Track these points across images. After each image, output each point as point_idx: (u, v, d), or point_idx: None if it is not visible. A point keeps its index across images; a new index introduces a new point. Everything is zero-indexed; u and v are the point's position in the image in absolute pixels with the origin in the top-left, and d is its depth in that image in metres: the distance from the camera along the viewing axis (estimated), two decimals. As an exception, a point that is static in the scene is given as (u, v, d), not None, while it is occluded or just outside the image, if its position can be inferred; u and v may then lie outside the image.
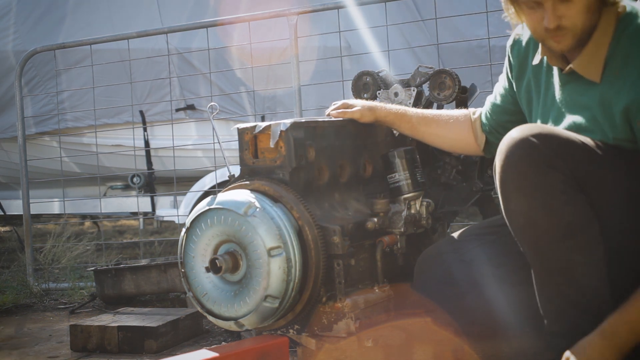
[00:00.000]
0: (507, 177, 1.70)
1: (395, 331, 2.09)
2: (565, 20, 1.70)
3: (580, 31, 1.71)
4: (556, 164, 1.65)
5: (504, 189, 1.72)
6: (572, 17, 1.69)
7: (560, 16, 1.70)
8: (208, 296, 1.99)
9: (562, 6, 1.69)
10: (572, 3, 1.68)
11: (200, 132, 5.43)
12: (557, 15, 1.70)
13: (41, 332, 3.33)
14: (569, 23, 1.70)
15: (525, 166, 1.66)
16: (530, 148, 1.66)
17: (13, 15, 5.83)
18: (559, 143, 1.68)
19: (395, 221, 2.18)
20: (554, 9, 1.69)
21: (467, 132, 2.19)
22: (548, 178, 1.64)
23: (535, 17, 1.74)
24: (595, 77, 1.74)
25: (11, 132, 5.67)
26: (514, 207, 1.71)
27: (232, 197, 1.98)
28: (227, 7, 5.05)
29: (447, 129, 2.21)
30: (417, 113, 2.26)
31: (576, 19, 1.69)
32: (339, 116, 2.23)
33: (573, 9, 1.68)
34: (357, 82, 2.95)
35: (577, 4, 1.68)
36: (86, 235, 5.65)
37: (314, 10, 3.92)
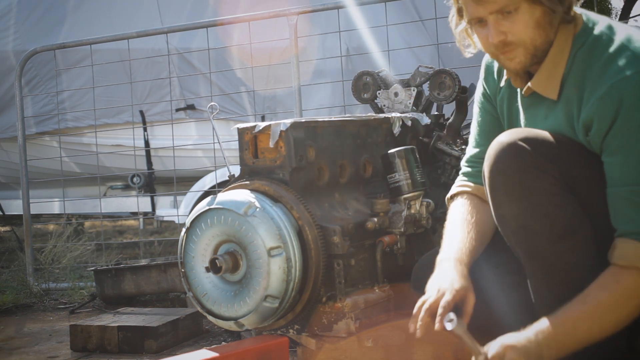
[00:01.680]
0: (497, 182, 1.69)
1: (395, 331, 2.09)
2: (510, 36, 1.65)
3: (531, 47, 1.66)
4: (546, 167, 1.64)
5: (494, 194, 1.70)
6: (517, 32, 1.64)
7: (505, 31, 1.65)
8: (208, 296, 1.99)
9: (505, 21, 1.64)
10: (515, 17, 1.63)
11: (200, 132, 5.42)
12: (501, 30, 1.65)
13: (41, 332, 3.33)
14: (515, 38, 1.65)
15: (515, 170, 1.65)
16: (519, 152, 1.65)
17: (13, 15, 5.83)
18: (548, 145, 1.66)
19: (395, 221, 2.18)
20: (496, 24, 1.65)
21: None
22: (538, 181, 1.63)
23: (483, 35, 1.69)
24: (553, 94, 1.71)
25: (11, 132, 5.67)
26: (505, 212, 1.70)
27: (232, 197, 1.98)
28: (227, 7, 5.05)
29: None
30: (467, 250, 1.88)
31: (522, 34, 1.64)
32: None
33: (517, 24, 1.64)
34: (357, 82, 2.95)
35: (521, 18, 1.63)
36: (86, 235, 5.65)
37: (314, 10, 3.92)
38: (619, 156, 1.58)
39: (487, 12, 1.64)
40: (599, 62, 1.62)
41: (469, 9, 1.68)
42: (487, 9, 1.64)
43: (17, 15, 5.82)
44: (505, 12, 1.63)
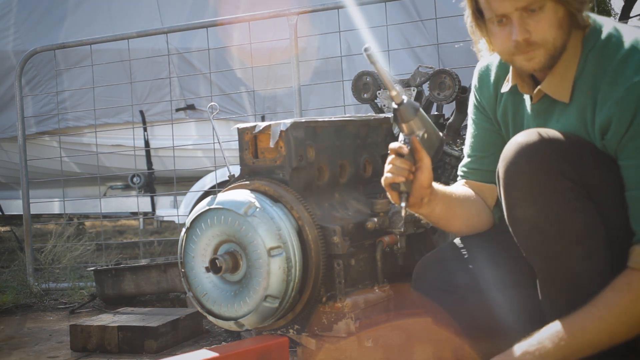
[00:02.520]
0: (513, 182, 1.65)
1: (395, 331, 2.09)
2: (534, 35, 1.62)
3: (552, 47, 1.64)
4: (564, 169, 1.61)
5: (509, 194, 1.67)
6: (541, 31, 1.62)
7: (529, 30, 1.62)
8: (208, 296, 1.99)
9: (530, 19, 1.62)
10: (540, 15, 1.61)
11: (200, 132, 5.43)
12: (526, 28, 1.62)
13: (41, 332, 3.33)
14: (539, 37, 1.62)
15: (533, 171, 1.62)
16: (538, 153, 1.62)
17: (13, 15, 5.83)
18: (567, 148, 1.63)
19: (395, 221, 2.18)
20: (521, 21, 1.62)
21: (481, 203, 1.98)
22: (557, 184, 1.60)
23: (503, 33, 1.66)
24: (565, 97, 1.69)
25: (11, 132, 5.67)
26: (519, 213, 1.67)
27: (232, 197, 1.98)
28: (227, 7, 5.05)
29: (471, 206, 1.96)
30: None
31: (546, 34, 1.62)
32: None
33: (542, 22, 1.61)
34: (357, 82, 2.95)
35: (546, 17, 1.61)
36: (86, 235, 5.65)
37: (314, 10, 3.92)
38: (637, 159, 1.57)
39: (513, 8, 1.61)
40: (611, 64, 1.61)
41: (493, 4, 1.64)
42: (514, 5, 1.61)
43: (17, 15, 5.82)
44: (530, 10, 1.61)
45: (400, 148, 1.73)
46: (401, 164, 1.74)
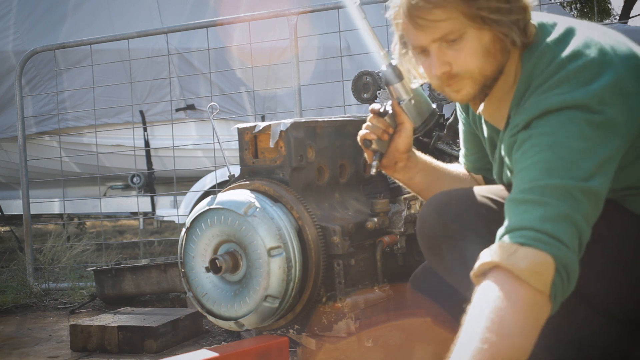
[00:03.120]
0: (420, 239, 1.74)
1: (395, 331, 2.09)
2: (455, 66, 1.49)
3: (479, 77, 1.50)
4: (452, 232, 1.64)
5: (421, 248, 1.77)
6: (463, 62, 1.48)
7: (449, 61, 1.49)
8: (208, 296, 1.99)
9: (449, 50, 1.48)
10: (461, 45, 1.47)
11: (200, 132, 5.43)
12: (445, 60, 1.49)
13: (41, 332, 3.33)
14: (460, 69, 1.49)
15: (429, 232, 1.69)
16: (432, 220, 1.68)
17: (13, 15, 5.83)
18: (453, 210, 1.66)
19: (395, 221, 2.18)
20: (440, 53, 1.49)
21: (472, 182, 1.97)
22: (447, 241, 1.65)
23: (426, 65, 1.54)
24: (501, 124, 1.59)
25: (11, 132, 5.67)
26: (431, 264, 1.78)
27: (232, 197, 1.98)
28: (227, 7, 5.05)
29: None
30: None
31: (469, 64, 1.48)
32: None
33: (463, 52, 1.47)
34: (357, 82, 2.96)
35: (468, 46, 1.47)
36: (86, 235, 5.65)
37: (314, 10, 3.92)
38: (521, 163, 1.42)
39: (429, 40, 1.49)
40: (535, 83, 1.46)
41: (410, 36, 1.53)
42: (429, 37, 1.48)
43: (17, 16, 5.82)
44: (450, 40, 1.47)
45: (380, 108, 1.75)
46: (377, 122, 1.76)
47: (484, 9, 1.44)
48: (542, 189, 1.34)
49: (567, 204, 1.33)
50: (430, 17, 1.46)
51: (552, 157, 1.36)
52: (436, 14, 1.45)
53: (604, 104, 1.37)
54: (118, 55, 4.89)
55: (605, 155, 1.37)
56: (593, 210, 1.36)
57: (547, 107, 1.40)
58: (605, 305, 1.54)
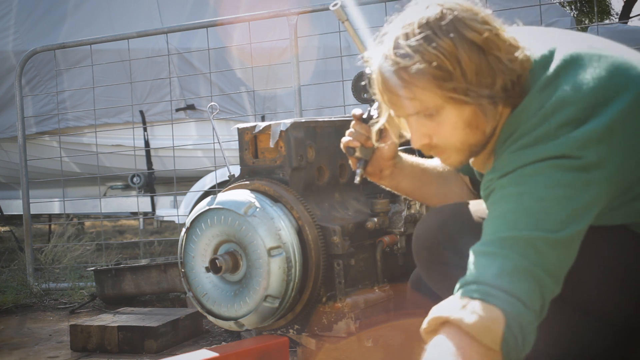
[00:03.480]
0: (417, 256, 1.78)
1: (395, 331, 2.09)
2: (435, 139, 1.40)
3: (462, 147, 1.41)
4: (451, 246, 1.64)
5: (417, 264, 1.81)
6: (442, 136, 1.39)
7: (429, 134, 1.40)
8: (208, 296, 1.99)
9: (429, 122, 1.39)
10: (440, 119, 1.38)
11: (200, 132, 5.43)
12: (423, 132, 1.40)
13: (41, 332, 3.33)
14: (440, 142, 1.41)
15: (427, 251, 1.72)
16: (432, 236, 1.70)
17: (13, 15, 5.83)
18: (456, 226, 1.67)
19: (395, 221, 2.18)
20: (419, 126, 1.40)
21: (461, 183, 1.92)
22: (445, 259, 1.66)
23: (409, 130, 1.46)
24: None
25: (11, 132, 5.67)
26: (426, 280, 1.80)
27: (232, 197, 1.98)
28: (227, 7, 5.05)
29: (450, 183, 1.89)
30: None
31: (449, 137, 1.39)
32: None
33: (442, 126, 1.38)
34: (357, 82, 2.95)
35: (447, 120, 1.37)
36: (86, 235, 5.65)
37: (314, 10, 3.92)
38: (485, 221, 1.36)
39: (405, 114, 1.42)
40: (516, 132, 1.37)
41: (390, 107, 1.44)
42: (405, 112, 1.41)
43: (17, 16, 5.82)
44: (428, 114, 1.39)
45: (363, 113, 1.71)
46: (360, 129, 1.72)
47: (457, 89, 1.33)
48: (503, 241, 1.27)
49: (528, 258, 1.24)
50: (405, 95, 1.37)
51: (518, 207, 1.29)
52: (407, 92, 1.37)
53: (585, 149, 1.28)
54: (118, 55, 4.89)
55: (585, 201, 1.29)
56: (562, 262, 1.28)
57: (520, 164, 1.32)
58: (601, 312, 1.50)
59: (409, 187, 1.83)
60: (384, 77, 1.39)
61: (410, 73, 1.34)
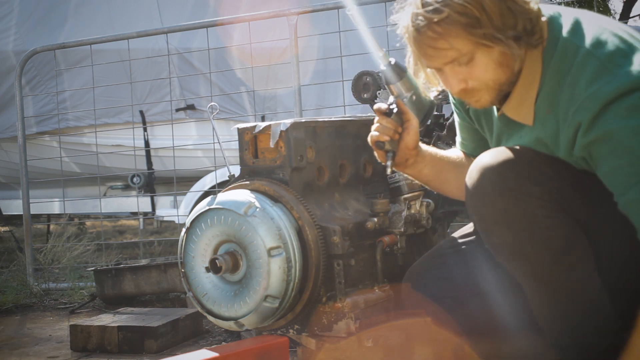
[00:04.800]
0: (483, 212, 1.65)
1: (395, 331, 2.09)
2: (471, 82, 1.58)
3: (494, 86, 1.59)
4: (531, 190, 1.59)
5: (482, 224, 1.67)
6: (477, 78, 1.57)
7: (464, 78, 1.58)
8: (208, 296, 1.99)
9: (462, 68, 1.56)
10: (473, 64, 1.55)
11: (200, 132, 5.43)
12: (460, 78, 1.58)
13: (41, 332, 3.33)
14: (476, 83, 1.58)
15: (500, 199, 1.60)
16: (502, 179, 1.60)
17: (14, 15, 5.83)
18: (531, 166, 1.62)
19: (395, 221, 2.18)
20: (454, 73, 1.57)
21: None
22: (526, 207, 1.59)
23: (443, 79, 1.63)
24: (528, 120, 1.64)
25: (11, 132, 5.67)
26: (497, 241, 1.67)
27: (232, 197, 1.98)
28: (227, 7, 5.06)
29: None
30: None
31: (483, 77, 1.57)
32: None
33: (475, 69, 1.56)
34: (357, 82, 2.95)
35: (479, 63, 1.55)
36: (86, 235, 5.65)
37: (314, 10, 3.92)
38: (611, 162, 1.49)
39: (441, 64, 1.58)
40: (567, 78, 1.54)
41: (424, 61, 1.61)
42: (440, 62, 1.58)
43: (18, 16, 5.82)
44: (461, 62, 1.56)
45: (386, 108, 1.79)
46: (387, 123, 1.80)
47: (487, 34, 1.50)
48: None
49: None
50: (438, 46, 1.53)
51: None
52: (442, 43, 1.52)
53: None
54: (118, 55, 4.89)
55: None
56: None
57: (605, 99, 1.44)
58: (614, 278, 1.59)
59: (430, 173, 1.92)
60: (418, 33, 1.54)
61: (443, 25, 1.50)
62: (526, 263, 1.65)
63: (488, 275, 1.88)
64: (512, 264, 1.69)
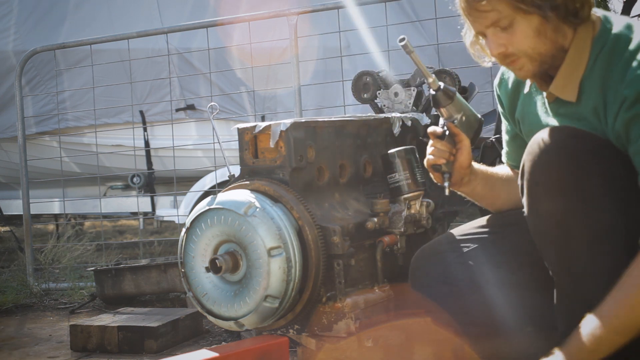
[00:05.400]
0: (538, 176, 1.63)
1: (395, 331, 2.09)
2: (510, 47, 1.67)
3: (534, 55, 1.67)
4: (592, 166, 1.58)
5: (532, 188, 1.65)
6: (516, 43, 1.66)
7: (504, 43, 1.67)
8: (208, 296, 1.99)
9: (503, 33, 1.66)
10: (512, 29, 1.65)
11: (200, 132, 5.43)
12: (500, 43, 1.67)
13: (41, 332, 3.33)
14: (514, 49, 1.67)
15: (561, 166, 1.60)
16: (566, 148, 1.61)
17: (14, 15, 5.83)
18: (595, 146, 1.62)
19: (395, 221, 2.18)
20: (494, 37, 1.68)
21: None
22: (586, 180, 1.58)
23: (487, 46, 1.73)
24: (571, 97, 1.68)
25: (11, 132, 5.67)
26: (542, 208, 1.64)
27: (232, 197, 1.98)
28: (227, 7, 5.05)
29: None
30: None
31: (521, 44, 1.65)
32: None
33: (515, 35, 1.65)
34: (357, 82, 2.96)
35: (519, 29, 1.64)
36: (86, 235, 5.65)
37: (314, 10, 3.92)
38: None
39: (483, 26, 1.68)
40: (620, 63, 1.60)
41: (470, 25, 1.74)
42: (482, 24, 1.68)
43: (18, 16, 5.82)
44: (502, 26, 1.65)
45: (441, 132, 1.87)
46: (442, 146, 1.87)
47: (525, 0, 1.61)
48: None
49: None
50: (480, 9, 1.65)
51: None
52: (483, 6, 1.64)
53: None
54: (118, 55, 4.89)
55: None
56: None
57: None
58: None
59: (483, 190, 1.98)
60: None
61: None
62: (564, 238, 1.62)
63: (488, 275, 1.88)
64: (548, 237, 1.66)
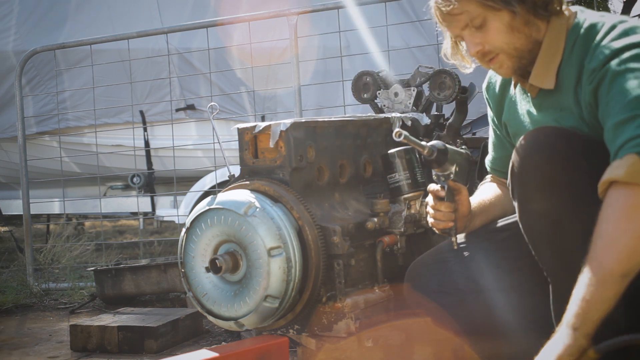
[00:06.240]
0: (528, 177, 1.63)
1: (395, 331, 2.09)
2: (487, 45, 1.72)
3: (512, 50, 1.71)
4: (580, 164, 1.58)
5: (524, 189, 1.65)
6: (490, 41, 1.70)
7: (480, 42, 1.72)
8: (208, 296, 1.99)
9: (478, 32, 1.72)
10: (486, 28, 1.70)
11: (200, 132, 5.43)
12: (476, 42, 1.72)
13: (41, 332, 3.33)
14: (491, 46, 1.71)
15: (551, 165, 1.60)
16: (554, 147, 1.61)
17: (14, 15, 5.83)
18: (582, 143, 1.62)
19: (395, 221, 2.18)
20: (470, 37, 1.73)
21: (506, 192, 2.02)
22: (574, 179, 1.58)
23: (465, 47, 1.79)
24: (549, 84, 1.72)
25: (11, 132, 5.67)
26: (535, 209, 1.64)
27: (232, 197, 1.98)
28: (227, 7, 5.06)
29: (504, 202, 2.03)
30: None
31: (496, 41, 1.70)
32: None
33: (489, 33, 1.70)
34: (357, 82, 2.96)
35: (492, 27, 1.69)
36: (86, 235, 5.65)
37: (314, 10, 3.92)
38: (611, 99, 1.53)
39: (458, 29, 1.74)
40: (593, 44, 1.64)
41: (448, 30, 1.79)
42: (457, 27, 1.73)
43: (18, 16, 5.82)
44: (476, 26, 1.70)
45: (439, 191, 1.90)
46: (446, 208, 1.89)
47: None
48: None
49: None
50: (452, 12, 1.71)
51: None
52: (455, 9, 1.70)
53: None
54: (118, 55, 4.89)
55: None
56: None
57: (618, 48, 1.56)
58: None
59: (481, 220, 2.00)
60: (437, 5, 1.73)
61: None
62: (559, 236, 1.62)
63: (489, 275, 1.88)
64: (543, 236, 1.66)
